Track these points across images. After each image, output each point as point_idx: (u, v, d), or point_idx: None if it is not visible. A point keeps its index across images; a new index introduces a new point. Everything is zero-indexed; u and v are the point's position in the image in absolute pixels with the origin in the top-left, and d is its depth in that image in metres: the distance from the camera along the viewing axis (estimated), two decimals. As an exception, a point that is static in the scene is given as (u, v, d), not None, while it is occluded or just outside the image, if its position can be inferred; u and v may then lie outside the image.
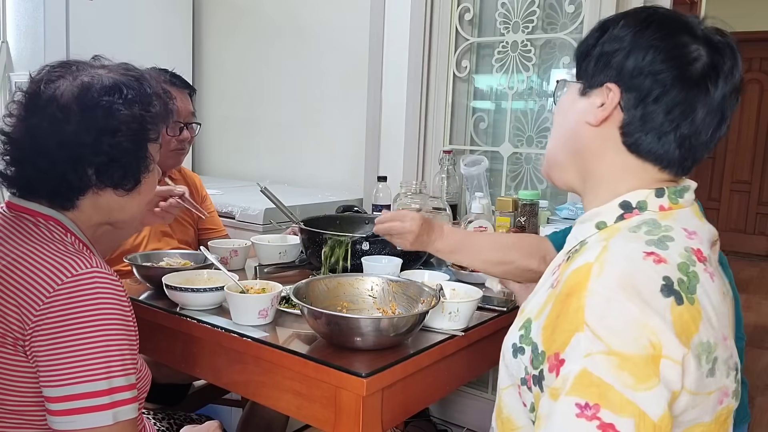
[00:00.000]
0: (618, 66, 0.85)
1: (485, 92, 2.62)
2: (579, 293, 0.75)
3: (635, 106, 0.84)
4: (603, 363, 0.70)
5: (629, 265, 0.75)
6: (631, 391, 0.69)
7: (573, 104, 0.91)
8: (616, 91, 0.85)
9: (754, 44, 5.85)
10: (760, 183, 6.17)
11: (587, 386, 0.70)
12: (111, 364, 0.90)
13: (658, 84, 0.82)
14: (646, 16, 0.86)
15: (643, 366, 0.70)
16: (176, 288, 1.29)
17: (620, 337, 0.71)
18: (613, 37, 0.86)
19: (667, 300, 0.73)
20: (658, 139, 0.84)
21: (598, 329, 0.72)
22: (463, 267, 1.65)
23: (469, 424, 2.54)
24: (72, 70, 1.01)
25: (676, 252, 0.78)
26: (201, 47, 3.34)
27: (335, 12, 2.83)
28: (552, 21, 2.40)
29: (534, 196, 2.07)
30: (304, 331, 1.21)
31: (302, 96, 2.99)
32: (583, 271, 0.77)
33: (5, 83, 2.72)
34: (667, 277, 0.74)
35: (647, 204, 0.85)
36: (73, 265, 0.91)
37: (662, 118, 0.83)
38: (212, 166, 3.39)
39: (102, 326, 0.90)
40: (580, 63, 0.91)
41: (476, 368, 1.42)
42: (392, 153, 2.66)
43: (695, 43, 0.83)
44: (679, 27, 0.84)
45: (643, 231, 0.81)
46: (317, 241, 1.55)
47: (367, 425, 1.05)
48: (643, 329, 0.71)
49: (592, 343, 0.71)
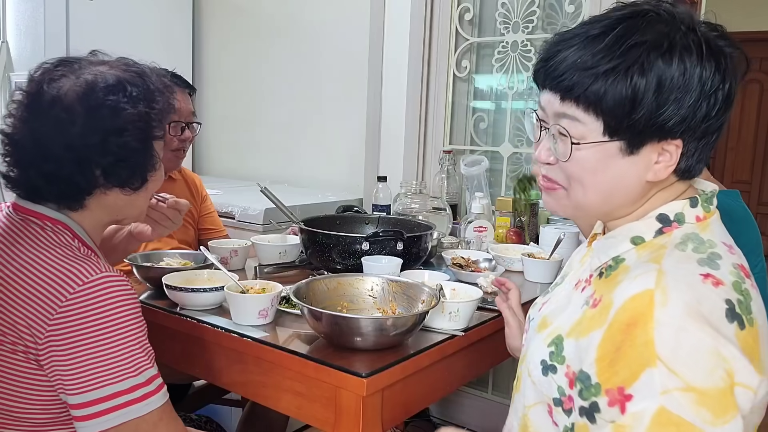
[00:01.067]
0: (682, 121, 0.77)
1: (485, 92, 2.62)
2: (645, 324, 0.71)
3: (695, 148, 0.80)
4: (681, 400, 0.68)
5: (692, 291, 0.73)
6: (711, 427, 0.68)
7: (613, 164, 0.80)
8: (679, 145, 0.79)
9: (754, 44, 5.84)
10: (760, 183, 6.17)
11: (666, 425, 0.68)
12: (137, 359, 0.91)
13: (719, 122, 0.79)
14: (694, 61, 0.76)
15: (721, 399, 0.69)
16: (176, 288, 1.29)
17: (696, 370, 0.69)
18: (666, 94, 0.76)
19: (731, 326, 0.72)
20: (705, 162, 0.83)
21: (672, 363, 0.69)
22: (463, 266, 1.65)
23: (469, 424, 2.54)
24: (74, 68, 0.99)
25: (726, 270, 0.77)
26: (201, 47, 3.34)
27: (335, 12, 2.83)
28: (552, 21, 2.40)
29: (534, 196, 2.07)
30: (304, 331, 1.20)
31: (302, 96, 2.99)
32: (645, 299, 0.73)
33: (5, 83, 2.72)
34: (729, 300, 0.73)
35: (684, 216, 0.82)
36: (83, 272, 0.91)
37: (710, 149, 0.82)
38: (212, 166, 3.39)
39: (121, 326, 0.90)
40: (617, 124, 0.78)
41: (476, 368, 1.42)
42: (392, 153, 2.66)
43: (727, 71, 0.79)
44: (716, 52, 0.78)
45: (690, 249, 0.79)
46: (317, 241, 1.55)
47: (367, 425, 1.05)
48: (718, 358, 0.69)
49: (668, 379, 0.69)
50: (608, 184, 0.82)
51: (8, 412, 0.92)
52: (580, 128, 0.80)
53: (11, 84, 2.69)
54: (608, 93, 0.76)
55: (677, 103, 0.76)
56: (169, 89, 1.08)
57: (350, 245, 1.52)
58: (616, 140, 0.79)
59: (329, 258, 1.54)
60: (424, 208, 2.04)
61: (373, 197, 2.20)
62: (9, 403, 0.92)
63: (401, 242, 1.53)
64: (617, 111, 0.77)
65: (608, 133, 0.79)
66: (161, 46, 3.03)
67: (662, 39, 0.76)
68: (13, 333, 0.90)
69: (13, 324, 0.90)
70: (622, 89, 0.76)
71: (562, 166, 0.84)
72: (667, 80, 0.75)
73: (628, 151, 0.79)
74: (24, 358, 0.91)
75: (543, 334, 0.88)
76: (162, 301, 1.34)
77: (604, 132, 0.79)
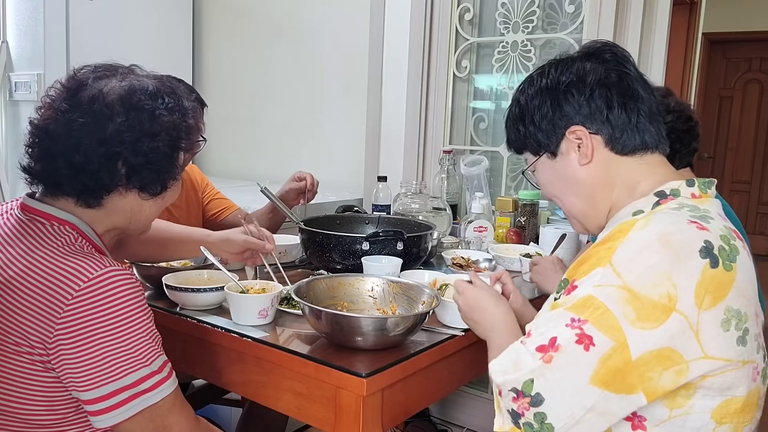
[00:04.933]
0: (563, 115, 0.96)
1: (485, 92, 2.62)
2: (616, 239, 0.81)
3: (602, 122, 0.94)
4: (612, 294, 0.76)
5: (673, 226, 0.81)
6: (627, 324, 0.75)
7: (555, 170, 1.00)
8: (579, 128, 0.95)
9: (754, 44, 5.85)
10: (760, 183, 6.17)
11: (587, 308, 0.77)
12: (147, 349, 0.94)
13: (601, 97, 0.94)
14: (538, 74, 1.01)
15: (651, 309, 0.75)
16: (176, 288, 1.29)
17: (639, 279, 0.76)
18: (539, 115, 0.98)
19: (702, 261, 0.77)
20: (637, 130, 0.94)
21: (620, 268, 0.77)
22: (463, 266, 1.65)
23: (469, 424, 2.54)
24: (118, 72, 1.04)
25: (717, 227, 0.83)
26: (201, 47, 3.34)
27: (335, 12, 2.83)
28: (552, 21, 2.40)
29: (534, 196, 2.07)
30: (304, 331, 1.21)
31: (302, 96, 2.99)
32: (627, 224, 0.83)
33: (5, 83, 2.72)
34: (709, 241, 0.79)
35: (680, 192, 0.90)
36: (87, 268, 0.92)
37: (624, 114, 0.94)
38: (212, 166, 3.38)
39: (129, 318, 0.92)
40: (527, 144, 1.02)
41: (476, 368, 1.42)
42: (392, 153, 2.66)
43: (581, 60, 0.97)
44: (558, 62, 1.00)
45: (686, 209, 0.86)
46: (317, 241, 1.55)
47: (368, 425, 1.05)
48: (666, 280, 0.75)
49: (608, 278, 0.77)
50: (567, 184, 0.99)
51: (14, 414, 0.93)
52: (529, 162, 1.04)
53: (11, 84, 2.69)
54: (513, 136, 1.05)
55: (549, 116, 0.97)
56: (197, 111, 1.13)
57: (350, 245, 1.52)
58: (542, 152, 1.00)
59: (329, 258, 1.54)
60: (424, 208, 2.04)
61: (373, 197, 2.20)
62: (14, 404, 0.92)
63: (401, 242, 1.53)
64: (521, 142, 1.03)
65: (533, 153, 1.02)
66: (161, 46, 3.03)
67: (537, 73, 1.02)
68: (17, 334, 0.90)
69: (19, 325, 0.90)
70: (513, 129, 1.05)
71: (545, 195, 1.06)
72: (537, 106, 0.99)
73: (552, 154, 0.99)
74: (29, 360, 0.91)
75: (545, 307, 0.95)
76: (162, 301, 1.34)
77: (534, 154, 1.02)
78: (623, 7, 2.14)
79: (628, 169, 0.95)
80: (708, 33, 5.34)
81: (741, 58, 6.06)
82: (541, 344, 0.79)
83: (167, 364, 0.97)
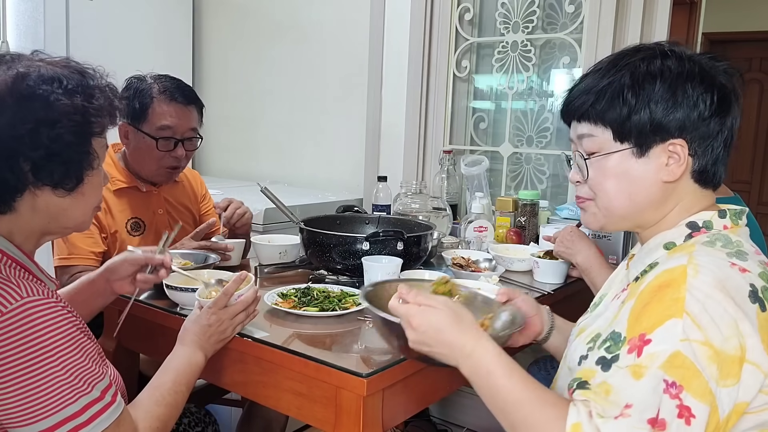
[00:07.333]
0: (678, 123, 0.88)
1: (485, 92, 2.62)
2: (678, 286, 0.78)
3: (704, 149, 0.90)
4: (698, 350, 0.74)
5: (720, 271, 0.80)
6: (714, 384, 0.74)
7: (629, 167, 0.92)
8: (683, 144, 0.89)
9: (754, 44, 5.85)
10: (760, 183, 6.17)
11: (678, 367, 0.74)
12: (75, 386, 0.87)
13: (718, 123, 0.89)
14: (678, 72, 0.89)
15: (730, 364, 0.75)
16: (176, 288, 1.29)
17: (717, 332, 0.75)
18: (655, 98, 0.88)
19: (753, 306, 0.78)
20: (724, 167, 0.93)
21: (699, 319, 0.75)
22: (463, 266, 1.65)
23: (469, 424, 2.54)
24: (6, 60, 0.93)
25: (754, 263, 0.83)
26: (201, 47, 3.34)
27: (335, 12, 2.83)
28: (552, 21, 2.40)
29: (534, 196, 2.07)
30: (304, 331, 1.20)
31: (302, 96, 2.99)
32: (677, 271, 0.81)
33: (5, 83, 2.72)
34: (753, 284, 0.80)
35: (713, 224, 0.90)
36: (1, 301, 0.84)
37: (722, 149, 0.91)
38: (212, 166, 3.39)
39: (53, 354, 0.85)
40: (622, 127, 0.91)
41: (476, 368, 1.42)
42: (392, 153, 2.66)
43: (718, 77, 0.90)
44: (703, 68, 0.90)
45: (719, 245, 0.86)
46: (317, 241, 1.55)
47: (368, 425, 1.05)
48: (736, 330, 0.76)
49: (691, 330, 0.75)
50: (628, 186, 0.92)
51: None
52: (596, 142, 0.93)
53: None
54: (607, 104, 0.91)
55: (665, 104, 0.88)
56: (113, 91, 1.01)
57: (350, 245, 1.52)
58: (627, 145, 0.91)
59: (329, 258, 1.54)
60: (424, 208, 2.05)
61: (373, 197, 2.20)
62: None
63: (401, 242, 1.53)
64: (617, 119, 0.90)
65: (618, 139, 0.91)
66: (161, 46, 3.02)
67: (652, 54, 0.91)
68: None
69: None
70: (618, 99, 0.90)
71: (588, 182, 0.96)
72: (656, 86, 0.88)
73: (639, 153, 0.91)
74: None
75: (581, 337, 0.95)
76: (162, 301, 1.34)
77: (614, 140, 0.91)
78: (623, 7, 2.14)
79: (687, 193, 0.93)
80: (708, 33, 5.34)
81: (741, 58, 6.06)
82: (651, 417, 0.74)
83: (110, 389, 0.90)
